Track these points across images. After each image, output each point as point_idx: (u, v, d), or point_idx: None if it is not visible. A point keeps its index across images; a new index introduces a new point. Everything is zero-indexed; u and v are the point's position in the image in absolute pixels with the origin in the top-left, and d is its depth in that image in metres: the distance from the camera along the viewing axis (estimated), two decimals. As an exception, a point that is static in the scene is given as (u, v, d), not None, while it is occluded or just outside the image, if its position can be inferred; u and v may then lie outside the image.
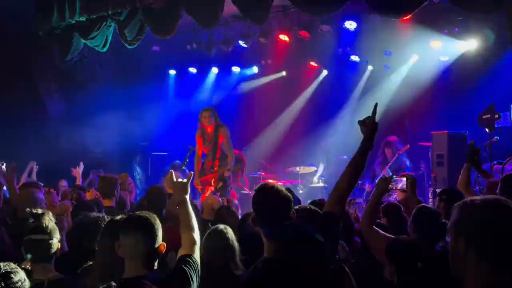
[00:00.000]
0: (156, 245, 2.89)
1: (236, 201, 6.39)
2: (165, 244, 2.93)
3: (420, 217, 4.07)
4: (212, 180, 8.76)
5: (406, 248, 3.39)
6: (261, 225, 2.90)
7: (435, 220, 4.06)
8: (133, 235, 2.85)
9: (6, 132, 11.66)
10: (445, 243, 4.00)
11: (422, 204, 4.60)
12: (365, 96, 12.50)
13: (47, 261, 3.23)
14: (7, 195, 7.11)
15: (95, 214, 4.11)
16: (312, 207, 3.77)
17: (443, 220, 4.08)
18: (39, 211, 3.29)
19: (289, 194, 2.95)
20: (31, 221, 3.27)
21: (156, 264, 2.94)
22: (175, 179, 3.36)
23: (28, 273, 3.09)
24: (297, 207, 3.26)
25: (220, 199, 6.02)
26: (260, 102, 13.88)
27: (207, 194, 8.53)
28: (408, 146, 9.65)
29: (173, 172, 3.48)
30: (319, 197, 10.45)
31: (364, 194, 10.15)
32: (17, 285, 2.46)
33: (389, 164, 9.33)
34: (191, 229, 3.19)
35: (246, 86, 13.96)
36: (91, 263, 3.47)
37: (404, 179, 5.08)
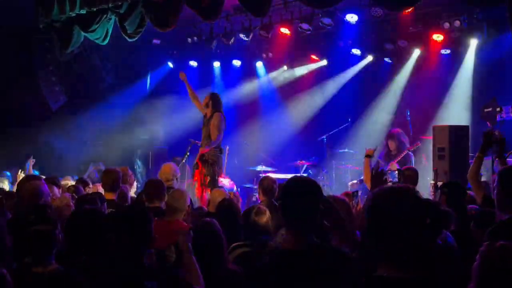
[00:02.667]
0: (147, 239, 2.88)
1: (237, 194, 6.38)
2: (156, 237, 2.93)
3: None
4: (199, 169, 8.77)
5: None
6: (286, 215, 2.89)
7: (438, 211, 4.03)
8: (124, 229, 2.86)
9: (7, 125, 11.67)
10: (445, 235, 3.99)
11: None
12: (366, 90, 12.47)
13: (48, 253, 3.21)
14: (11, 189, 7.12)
15: (90, 207, 4.09)
16: None
17: (446, 209, 4.06)
18: (39, 202, 3.28)
19: (318, 185, 2.95)
20: (32, 213, 3.26)
21: (153, 257, 2.94)
22: None
23: (28, 266, 3.09)
24: None
25: (227, 192, 6.00)
26: (262, 96, 13.87)
27: (196, 186, 8.59)
28: (419, 143, 9.62)
29: None
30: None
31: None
32: None
33: (397, 159, 9.33)
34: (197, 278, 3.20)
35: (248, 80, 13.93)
36: (84, 257, 3.46)
37: (396, 171, 5.05)
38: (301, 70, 13.31)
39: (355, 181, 10.44)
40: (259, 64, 13.49)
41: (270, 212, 4.50)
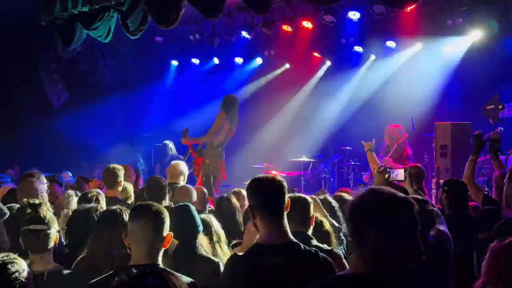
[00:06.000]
0: (164, 234, 2.91)
1: (244, 193, 6.34)
2: (172, 234, 2.96)
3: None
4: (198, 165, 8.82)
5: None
6: (255, 212, 2.94)
7: (422, 209, 4.04)
8: (143, 222, 2.89)
9: (9, 122, 11.70)
10: (436, 231, 4.01)
11: (412, 195, 4.57)
12: (368, 87, 12.46)
13: (45, 252, 3.20)
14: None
15: (88, 205, 4.09)
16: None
17: (431, 208, 4.07)
18: (36, 201, 3.26)
19: (283, 183, 2.99)
20: (28, 211, 3.25)
21: (161, 253, 2.96)
22: None
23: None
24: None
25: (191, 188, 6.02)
26: (263, 93, 13.86)
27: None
28: (407, 135, 9.53)
29: None
30: (323, 187, 10.49)
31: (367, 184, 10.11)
32: (13, 275, 2.45)
33: (390, 154, 9.24)
34: None
35: (249, 77, 13.93)
36: (83, 255, 3.47)
37: (401, 170, 5.02)
38: (304, 69, 13.32)
39: (366, 174, 10.45)
40: (260, 61, 13.47)
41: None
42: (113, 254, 3.24)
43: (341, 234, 4.42)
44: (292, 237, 2.91)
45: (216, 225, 3.95)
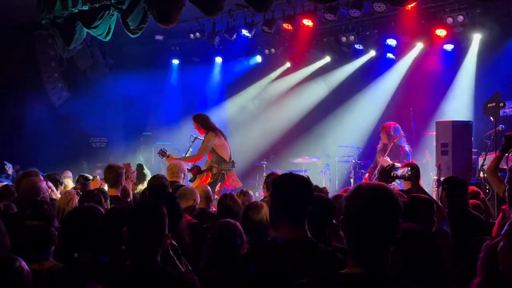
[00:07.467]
0: (162, 234, 2.91)
1: (250, 192, 6.32)
2: (170, 235, 2.96)
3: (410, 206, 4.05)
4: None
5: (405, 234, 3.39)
6: (280, 207, 2.95)
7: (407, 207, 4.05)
8: (143, 220, 2.88)
9: (9, 121, 11.70)
10: (435, 229, 4.02)
11: (414, 194, 4.55)
12: (369, 85, 12.46)
13: (45, 249, 3.19)
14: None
15: (88, 204, 4.08)
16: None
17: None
18: (37, 199, 3.27)
19: (308, 182, 3.00)
20: (29, 208, 3.25)
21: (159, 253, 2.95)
22: None
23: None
24: None
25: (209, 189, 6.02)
26: (263, 91, 13.87)
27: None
28: (402, 134, 9.43)
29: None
30: (324, 186, 10.47)
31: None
32: (14, 274, 2.46)
33: (387, 152, 9.18)
34: None
35: (250, 76, 13.92)
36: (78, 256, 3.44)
37: (407, 168, 4.98)
38: (304, 67, 13.31)
39: (366, 176, 10.43)
40: (260, 59, 13.45)
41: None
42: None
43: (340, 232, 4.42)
44: (309, 236, 2.92)
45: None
